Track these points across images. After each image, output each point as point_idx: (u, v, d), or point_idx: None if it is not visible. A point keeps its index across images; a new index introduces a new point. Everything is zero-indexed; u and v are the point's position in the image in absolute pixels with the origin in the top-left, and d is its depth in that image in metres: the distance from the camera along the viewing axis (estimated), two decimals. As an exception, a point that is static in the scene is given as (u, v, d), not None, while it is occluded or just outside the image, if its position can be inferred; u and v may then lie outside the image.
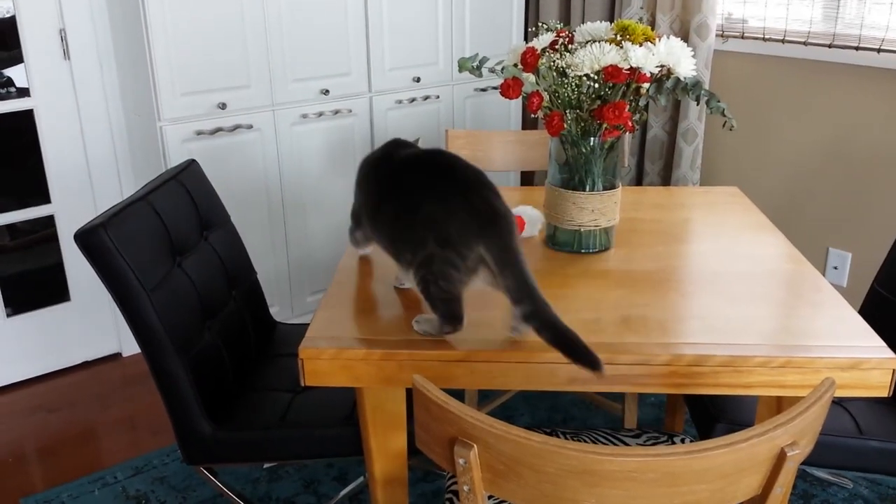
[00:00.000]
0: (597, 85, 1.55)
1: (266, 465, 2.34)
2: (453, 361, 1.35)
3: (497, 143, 2.50)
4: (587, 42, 1.61)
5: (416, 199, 1.38)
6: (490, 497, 1.07)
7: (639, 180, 3.41)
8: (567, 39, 1.64)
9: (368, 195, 1.53)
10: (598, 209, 1.67)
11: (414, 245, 1.36)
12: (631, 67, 1.53)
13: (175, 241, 1.73)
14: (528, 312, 1.28)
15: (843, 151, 2.88)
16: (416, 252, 1.36)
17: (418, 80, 3.14)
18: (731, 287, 1.57)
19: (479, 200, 1.34)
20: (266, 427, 1.71)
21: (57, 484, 2.31)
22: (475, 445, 1.00)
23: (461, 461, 1.02)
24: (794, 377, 1.32)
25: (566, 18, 3.46)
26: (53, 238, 2.82)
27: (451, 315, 1.35)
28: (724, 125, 1.63)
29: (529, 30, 3.50)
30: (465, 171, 1.40)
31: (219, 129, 2.67)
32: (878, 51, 2.67)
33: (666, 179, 3.31)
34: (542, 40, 1.66)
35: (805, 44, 2.86)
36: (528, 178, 3.74)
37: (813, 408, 1.01)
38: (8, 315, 2.79)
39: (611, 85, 1.56)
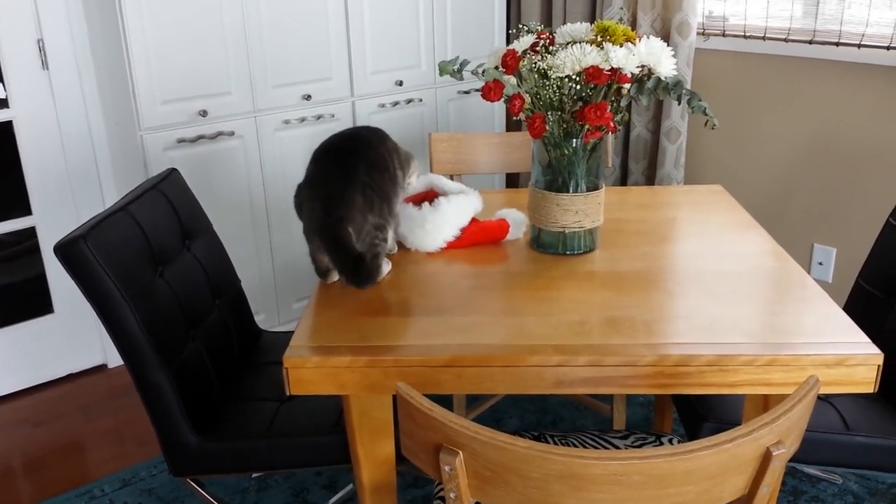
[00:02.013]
0: (578, 86, 1.55)
1: (254, 475, 2.32)
2: (439, 367, 1.34)
3: (481, 146, 2.50)
4: (568, 43, 1.61)
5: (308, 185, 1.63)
6: (477, 503, 1.06)
7: (623, 180, 3.41)
8: (548, 41, 1.64)
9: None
10: (581, 210, 1.67)
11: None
12: (612, 68, 1.53)
13: (156, 251, 1.71)
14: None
15: (826, 147, 2.89)
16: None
17: (401, 83, 3.13)
18: (717, 286, 1.57)
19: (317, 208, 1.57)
20: (253, 437, 1.70)
21: (44, 498, 2.29)
22: (461, 452, 0.99)
23: (447, 468, 1.01)
24: (779, 375, 1.32)
25: (548, 20, 3.46)
26: (35, 250, 2.80)
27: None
28: (706, 124, 1.63)
29: (511, 32, 3.50)
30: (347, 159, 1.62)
31: (200, 137, 2.66)
32: (859, 46, 2.68)
33: (650, 179, 3.32)
34: (523, 42, 1.65)
35: (786, 40, 2.87)
36: (513, 180, 3.74)
37: (797, 406, 1.01)
38: (-9, 328, 2.76)
39: (592, 86, 1.56)
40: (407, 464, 1.25)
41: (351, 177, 1.57)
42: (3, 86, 2.60)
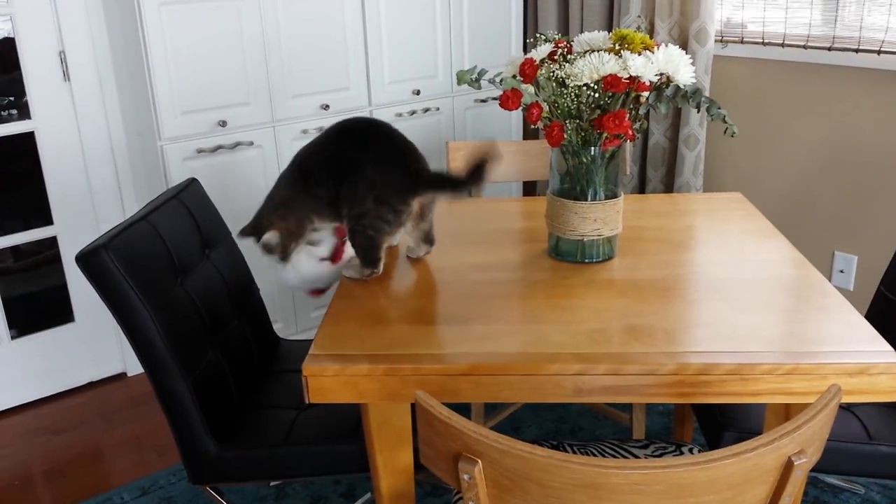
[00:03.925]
0: (596, 94, 1.54)
1: (273, 483, 2.33)
2: (458, 375, 1.34)
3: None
4: (586, 52, 1.61)
5: (356, 161, 1.61)
6: (496, 512, 1.06)
7: (642, 188, 3.40)
8: (566, 50, 1.64)
9: (297, 169, 1.72)
10: (600, 218, 1.67)
11: (353, 201, 1.61)
12: (630, 76, 1.53)
13: (177, 261, 1.73)
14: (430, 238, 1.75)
15: (846, 154, 2.87)
16: (352, 207, 1.61)
17: (418, 92, 3.14)
18: (737, 294, 1.56)
19: (412, 164, 1.64)
20: (271, 445, 1.70)
21: (64, 506, 2.31)
22: (480, 461, 0.99)
23: (466, 477, 1.01)
24: (801, 384, 1.31)
25: (565, 28, 3.46)
26: (56, 259, 2.83)
27: (372, 260, 1.64)
28: (725, 131, 1.62)
29: (528, 41, 3.50)
30: (395, 139, 1.68)
31: (219, 147, 2.68)
32: (879, 52, 2.66)
33: (669, 186, 3.30)
34: (541, 51, 1.65)
35: (805, 47, 2.86)
36: (530, 189, 3.74)
37: (819, 416, 1.00)
38: (12, 337, 2.79)
39: (610, 94, 1.56)
40: (425, 472, 1.25)
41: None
42: (26, 97, 2.63)
